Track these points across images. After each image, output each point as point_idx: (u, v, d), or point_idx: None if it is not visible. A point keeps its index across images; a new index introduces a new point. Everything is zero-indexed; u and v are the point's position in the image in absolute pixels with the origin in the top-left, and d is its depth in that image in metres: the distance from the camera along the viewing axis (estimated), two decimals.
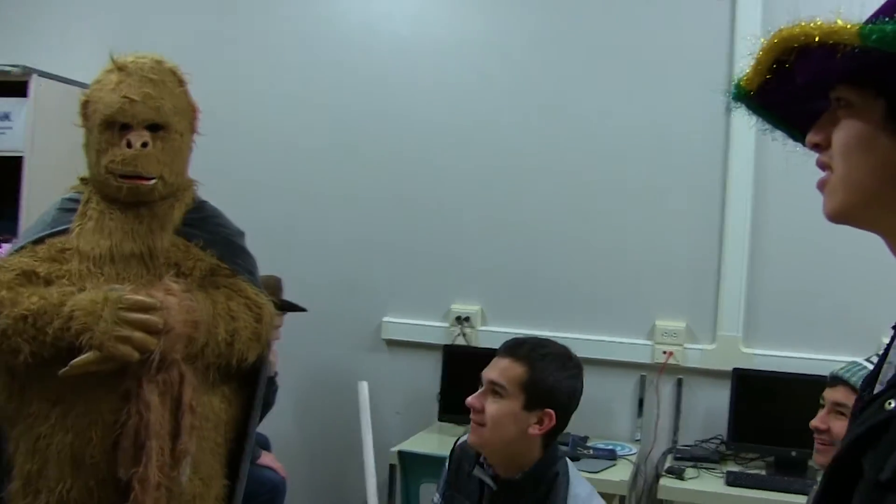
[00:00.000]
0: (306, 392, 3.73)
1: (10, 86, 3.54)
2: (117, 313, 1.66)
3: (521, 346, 1.86)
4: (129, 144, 1.81)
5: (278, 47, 3.82)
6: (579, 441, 3.16)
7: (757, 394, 3.11)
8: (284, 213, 3.74)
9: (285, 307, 3.04)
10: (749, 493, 2.80)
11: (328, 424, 3.72)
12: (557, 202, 3.47)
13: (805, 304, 3.18)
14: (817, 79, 0.82)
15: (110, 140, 1.82)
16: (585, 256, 3.44)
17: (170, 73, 1.91)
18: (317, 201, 3.74)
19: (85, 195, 1.89)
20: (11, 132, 3.57)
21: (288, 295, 3.19)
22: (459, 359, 3.44)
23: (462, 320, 3.55)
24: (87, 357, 1.65)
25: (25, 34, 4.07)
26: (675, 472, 2.95)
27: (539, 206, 3.49)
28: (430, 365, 3.54)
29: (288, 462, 3.33)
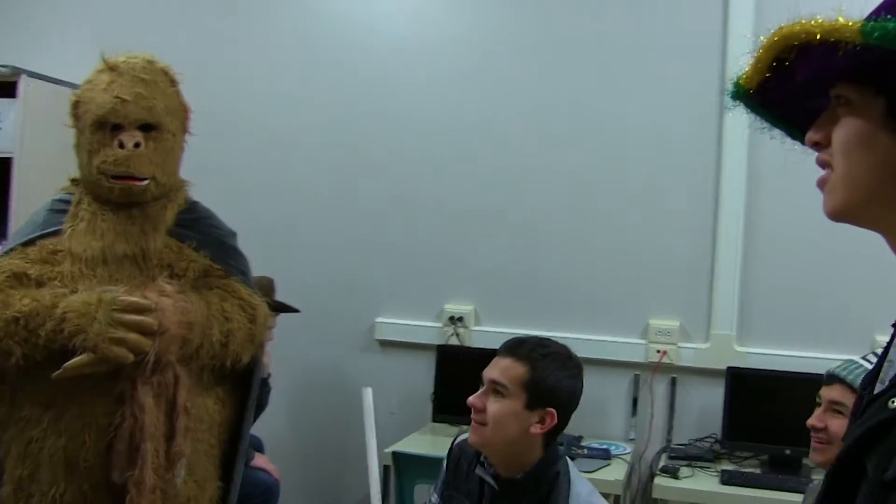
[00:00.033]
0: (299, 393, 3.72)
1: None
2: (111, 315, 1.64)
3: (522, 346, 1.86)
4: (122, 145, 1.79)
5: (269, 45, 3.80)
6: (573, 441, 3.16)
7: (751, 392, 3.11)
8: (276, 213, 3.73)
9: (278, 308, 3.02)
10: (744, 492, 2.81)
11: (322, 426, 3.71)
12: (550, 202, 3.47)
13: (798, 303, 3.19)
14: (818, 76, 0.81)
15: (102, 140, 1.80)
16: (578, 256, 3.44)
17: (161, 72, 1.90)
18: (309, 202, 3.72)
19: (76, 196, 1.88)
20: (1, 133, 3.54)
21: (280, 296, 3.17)
22: (453, 359, 3.43)
23: (455, 320, 3.54)
24: (80, 359, 1.64)
25: (14, 34, 4.05)
26: (670, 471, 2.95)
27: (532, 205, 3.49)
28: (423, 365, 3.53)
29: (281, 464, 3.31)
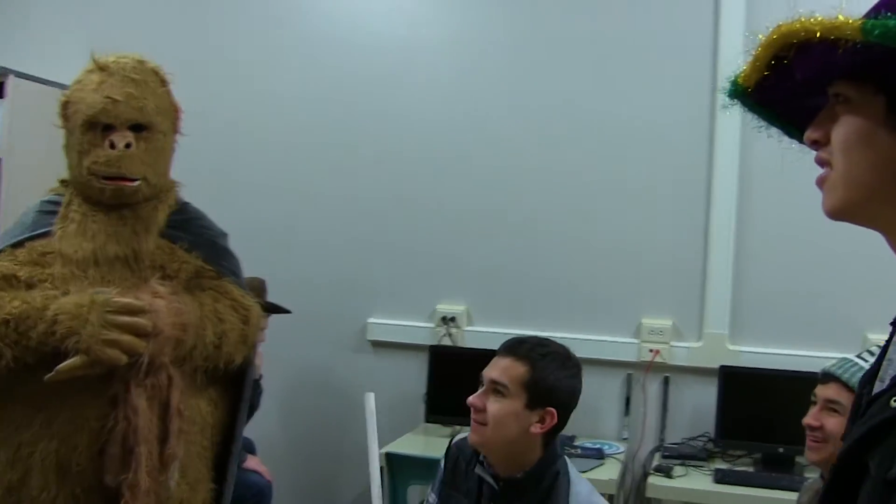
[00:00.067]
0: (291, 395, 3.70)
1: None
2: (105, 316, 1.63)
3: (521, 345, 1.86)
4: (113, 145, 1.78)
5: (258, 43, 3.79)
6: (566, 440, 3.16)
7: (744, 391, 3.12)
8: (268, 214, 3.71)
9: (270, 309, 3.01)
10: (737, 490, 2.81)
11: (314, 427, 3.69)
12: (543, 202, 3.46)
13: (791, 302, 3.19)
14: (817, 75, 0.81)
15: (92, 141, 1.79)
16: (570, 256, 3.44)
17: (152, 72, 1.88)
18: (300, 203, 3.71)
19: (66, 197, 1.86)
20: None
21: (272, 297, 3.16)
22: (446, 359, 3.42)
23: (448, 321, 3.53)
24: (73, 361, 1.62)
25: (1, 34, 4.01)
26: (663, 471, 2.95)
27: (524, 205, 3.48)
28: (416, 366, 3.52)
29: (273, 465, 3.30)
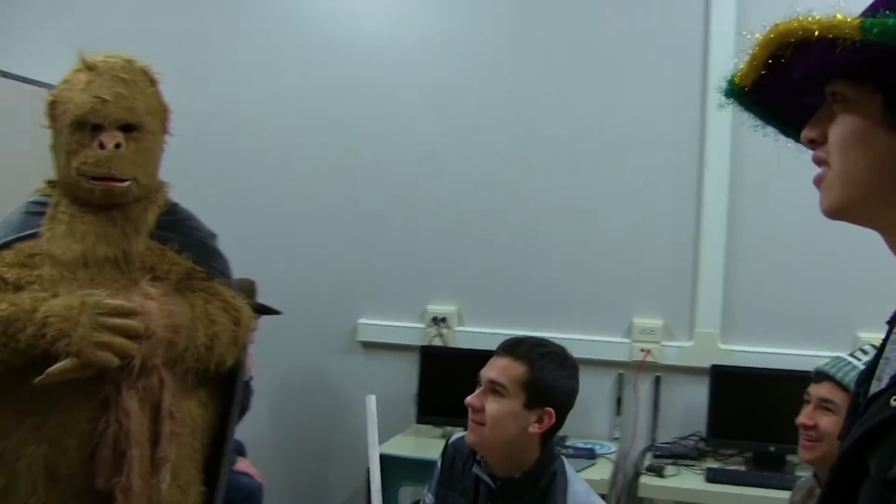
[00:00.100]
0: (282, 396, 3.68)
1: None
2: (96, 319, 1.61)
3: (519, 345, 1.86)
4: (102, 145, 1.76)
5: (242, 42, 3.77)
6: (558, 440, 3.15)
7: (735, 390, 3.13)
8: (257, 214, 3.68)
9: (260, 310, 2.99)
10: (729, 489, 2.81)
11: (304, 429, 3.68)
12: (532, 200, 3.46)
13: (782, 300, 3.20)
14: (815, 73, 0.81)
15: (81, 141, 1.77)
16: (561, 255, 3.43)
17: (141, 72, 1.87)
18: (289, 203, 3.69)
19: (54, 198, 1.84)
20: None
21: (262, 298, 3.14)
22: (437, 360, 3.41)
23: (438, 321, 3.52)
24: (63, 364, 1.60)
25: None
26: (655, 470, 2.95)
27: (514, 204, 3.48)
28: (406, 367, 3.51)
29: (264, 467, 3.29)
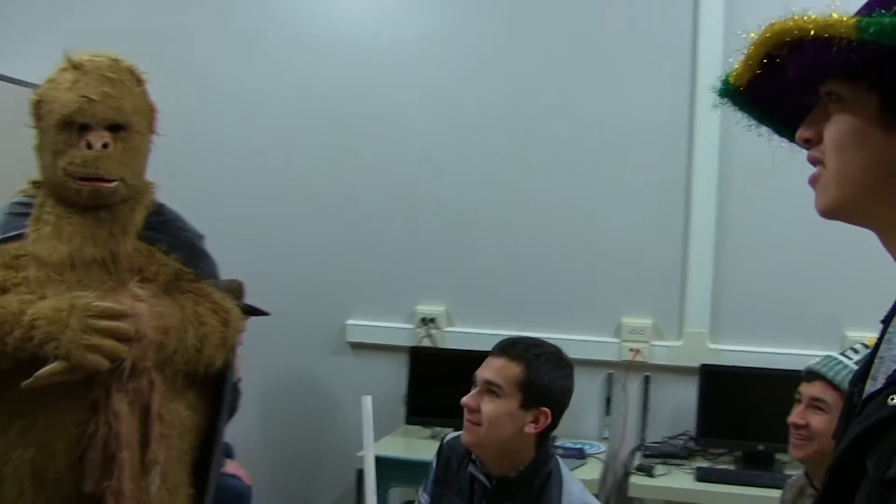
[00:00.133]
0: (270, 397, 3.67)
1: None
2: (86, 321, 1.59)
3: (515, 346, 1.86)
4: (89, 145, 1.74)
5: (224, 41, 3.75)
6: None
7: (724, 389, 3.13)
8: (244, 215, 3.66)
9: (248, 311, 2.97)
10: (718, 488, 2.82)
11: (293, 430, 3.66)
12: (521, 200, 3.46)
13: (771, 300, 3.21)
14: (810, 73, 0.81)
15: (68, 141, 1.75)
16: (550, 254, 3.43)
17: (127, 71, 1.85)
18: (277, 203, 3.67)
19: (39, 199, 1.82)
20: None
21: (250, 299, 3.12)
22: (426, 361, 3.41)
23: (427, 321, 3.52)
24: (52, 367, 1.58)
25: None
26: (645, 470, 2.96)
27: (502, 204, 3.47)
28: (395, 367, 3.50)
29: (252, 469, 3.27)
